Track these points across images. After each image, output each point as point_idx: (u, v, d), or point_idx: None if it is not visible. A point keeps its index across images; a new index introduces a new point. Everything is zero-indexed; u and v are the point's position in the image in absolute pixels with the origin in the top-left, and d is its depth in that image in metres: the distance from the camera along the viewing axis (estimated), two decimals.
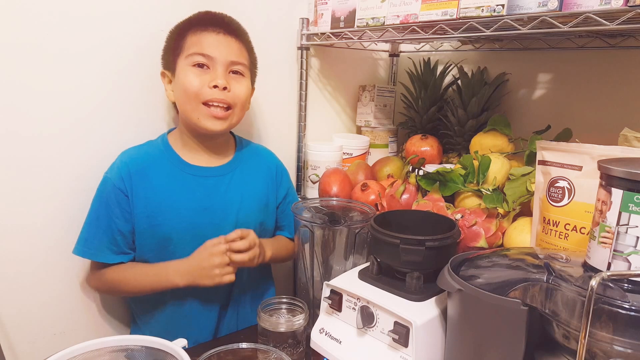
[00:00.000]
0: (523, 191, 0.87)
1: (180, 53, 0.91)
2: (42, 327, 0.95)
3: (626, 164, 0.52)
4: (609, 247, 0.52)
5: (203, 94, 0.88)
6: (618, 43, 0.95)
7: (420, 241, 0.70)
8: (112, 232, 0.90)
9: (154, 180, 0.92)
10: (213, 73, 0.89)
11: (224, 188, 0.97)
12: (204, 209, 0.94)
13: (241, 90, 0.92)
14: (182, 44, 0.91)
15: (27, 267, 0.92)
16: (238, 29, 0.95)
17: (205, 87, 0.88)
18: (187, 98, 0.89)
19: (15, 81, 0.85)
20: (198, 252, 0.89)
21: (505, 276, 0.60)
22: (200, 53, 0.88)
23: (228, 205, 0.96)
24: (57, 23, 0.88)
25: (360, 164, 1.19)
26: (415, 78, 1.24)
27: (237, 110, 0.93)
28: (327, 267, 0.90)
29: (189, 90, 0.88)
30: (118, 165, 0.91)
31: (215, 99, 0.89)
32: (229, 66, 0.91)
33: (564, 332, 0.52)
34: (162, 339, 0.65)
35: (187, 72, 0.89)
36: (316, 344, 0.77)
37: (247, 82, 0.94)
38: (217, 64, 0.89)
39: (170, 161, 0.94)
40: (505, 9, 0.75)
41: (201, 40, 0.89)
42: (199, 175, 0.95)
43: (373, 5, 0.97)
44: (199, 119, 0.89)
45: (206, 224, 0.93)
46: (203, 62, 0.89)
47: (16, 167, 0.88)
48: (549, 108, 1.11)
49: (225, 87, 0.89)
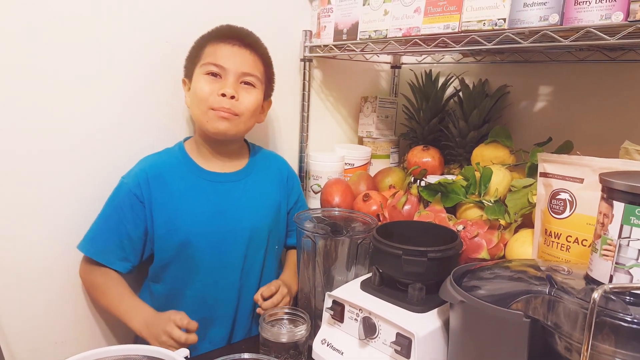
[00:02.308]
0: (524, 203, 0.87)
1: (197, 62, 0.95)
2: (43, 336, 0.95)
3: (628, 177, 0.52)
4: (610, 260, 0.52)
5: (211, 101, 0.91)
6: (619, 56, 0.96)
7: (423, 252, 0.71)
8: (120, 235, 0.91)
9: (171, 185, 0.94)
10: (223, 82, 0.93)
11: (238, 193, 0.99)
12: (219, 214, 0.96)
13: (250, 101, 0.94)
14: (201, 54, 0.95)
15: (30, 275, 0.92)
16: (255, 42, 0.98)
17: (214, 94, 0.91)
18: (197, 103, 0.93)
19: (38, 87, 0.87)
20: (161, 316, 0.86)
21: (508, 288, 0.60)
22: (213, 63, 0.92)
23: (242, 210, 0.99)
24: (84, 31, 0.91)
25: (362, 174, 1.20)
26: (417, 89, 1.25)
27: (243, 119, 0.95)
28: (329, 278, 0.90)
29: (199, 96, 0.92)
30: (136, 172, 0.94)
31: (222, 108, 0.91)
32: (240, 77, 0.94)
33: (566, 345, 0.52)
34: (164, 349, 0.65)
35: (200, 79, 0.93)
36: (318, 355, 0.76)
37: (257, 93, 0.96)
38: (229, 74, 0.93)
39: (186, 167, 0.97)
40: (506, 23, 0.76)
41: (217, 51, 0.93)
42: (214, 180, 0.98)
43: (375, 18, 0.98)
44: (208, 121, 0.93)
45: (222, 228, 0.96)
46: (216, 72, 0.93)
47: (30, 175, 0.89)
48: (550, 120, 1.11)
49: (234, 97, 0.92)
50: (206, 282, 0.96)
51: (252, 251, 1.00)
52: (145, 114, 1.02)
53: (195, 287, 0.95)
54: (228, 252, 0.97)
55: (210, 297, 0.96)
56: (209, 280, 0.96)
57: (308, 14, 1.22)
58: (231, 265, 0.97)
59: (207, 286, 0.96)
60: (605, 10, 0.65)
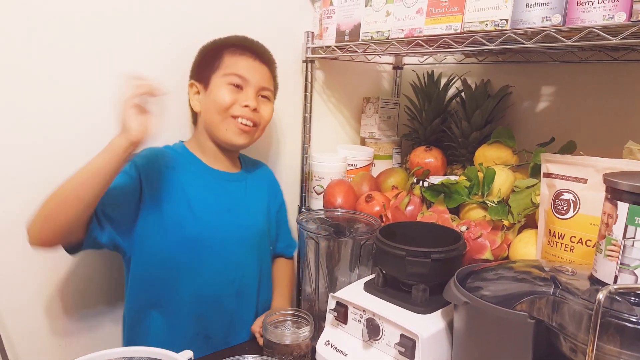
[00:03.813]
0: (528, 203, 0.87)
1: (216, 70, 0.97)
2: (47, 338, 0.95)
3: (632, 177, 0.52)
4: (615, 261, 0.52)
5: (234, 110, 0.95)
6: (621, 56, 0.95)
7: (426, 253, 0.71)
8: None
9: (181, 176, 0.94)
10: (245, 94, 0.96)
11: (242, 193, 1.03)
12: (227, 211, 0.99)
13: (267, 113, 1.01)
14: (219, 63, 0.97)
15: (34, 277, 0.92)
16: (270, 58, 1.04)
17: (237, 105, 0.95)
18: (217, 111, 0.95)
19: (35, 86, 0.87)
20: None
21: (512, 289, 0.60)
22: (237, 74, 0.96)
23: (246, 209, 1.03)
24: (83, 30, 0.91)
25: (365, 175, 1.20)
26: (419, 90, 1.25)
27: (260, 129, 1.01)
28: (332, 279, 0.90)
29: (221, 105, 0.95)
30: (143, 151, 0.90)
31: (245, 116, 0.96)
32: (260, 90, 0.99)
33: (571, 346, 0.52)
34: (168, 351, 0.65)
35: (222, 88, 0.95)
36: (322, 356, 0.76)
37: (272, 106, 1.03)
38: (250, 87, 0.97)
39: (193, 163, 0.99)
40: (509, 24, 0.76)
41: (238, 63, 0.97)
42: (221, 178, 1.01)
43: (378, 19, 0.98)
44: (226, 130, 0.96)
45: (230, 225, 0.98)
46: (238, 83, 0.96)
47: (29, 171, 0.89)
48: (553, 120, 1.11)
49: (255, 109, 0.97)
50: (206, 278, 0.95)
51: (253, 249, 1.02)
52: None
53: (195, 282, 0.94)
54: (232, 249, 0.97)
55: (209, 294, 0.95)
56: (209, 277, 0.95)
57: (310, 15, 1.22)
58: (233, 262, 0.98)
59: (207, 283, 0.95)
60: (608, 11, 0.65)
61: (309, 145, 1.28)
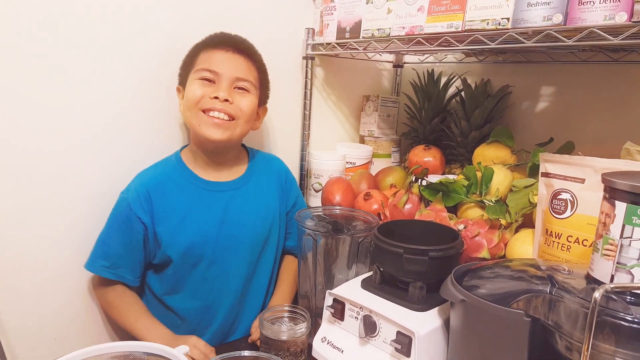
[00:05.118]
0: (525, 203, 0.87)
1: (191, 69, 0.95)
2: (43, 332, 0.95)
3: (630, 177, 0.52)
4: (612, 260, 0.52)
5: (203, 103, 0.91)
6: (621, 57, 0.96)
7: (424, 251, 0.71)
8: (126, 251, 0.92)
9: (172, 198, 0.94)
10: (217, 87, 0.92)
11: (239, 201, 0.99)
12: (222, 222, 0.96)
13: (245, 104, 0.94)
14: (195, 61, 0.95)
15: (29, 273, 0.92)
16: (248, 48, 0.98)
17: (207, 97, 0.91)
18: (189, 107, 0.93)
19: (33, 97, 0.87)
20: (178, 339, 0.88)
21: (508, 287, 0.60)
22: (207, 69, 0.92)
23: (245, 217, 0.99)
24: (76, 40, 0.90)
25: (363, 173, 1.20)
26: (419, 89, 1.25)
27: (240, 122, 0.94)
28: (330, 276, 0.90)
29: (191, 99, 0.92)
30: (136, 187, 0.93)
31: (215, 108, 0.91)
32: (234, 82, 0.94)
33: (566, 344, 0.52)
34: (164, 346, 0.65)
35: (194, 84, 0.93)
36: (318, 352, 0.77)
37: (252, 97, 0.96)
38: (222, 79, 0.92)
39: (185, 178, 0.97)
40: (510, 23, 0.76)
41: (211, 58, 0.93)
42: (214, 190, 0.98)
43: (379, 16, 0.98)
44: (200, 126, 0.92)
45: (225, 236, 0.96)
46: (209, 77, 0.93)
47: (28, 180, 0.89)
48: (552, 120, 1.11)
49: (227, 100, 0.91)
50: (209, 288, 0.96)
51: (255, 257, 1.00)
52: (140, 120, 1.00)
53: (198, 295, 0.96)
54: (231, 260, 0.97)
55: (212, 303, 0.97)
56: (211, 287, 0.96)
57: (311, 11, 1.22)
58: (234, 272, 0.98)
59: (210, 293, 0.96)
60: (609, 11, 0.65)
61: (308, 142, 1.28)
